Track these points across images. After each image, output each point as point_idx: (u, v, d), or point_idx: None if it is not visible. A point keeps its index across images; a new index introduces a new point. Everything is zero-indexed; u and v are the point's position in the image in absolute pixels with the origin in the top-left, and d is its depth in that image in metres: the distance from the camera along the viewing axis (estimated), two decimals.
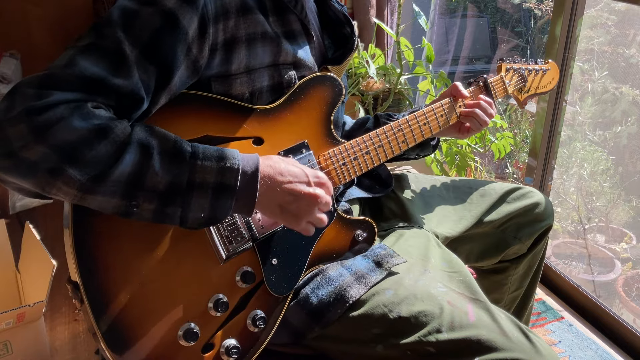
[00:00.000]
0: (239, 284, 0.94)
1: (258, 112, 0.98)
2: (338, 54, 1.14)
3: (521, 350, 0.90)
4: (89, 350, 1.70)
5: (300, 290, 1.03)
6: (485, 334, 0.92)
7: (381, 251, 1.08)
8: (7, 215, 2.19)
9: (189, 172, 0.80)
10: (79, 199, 0.77)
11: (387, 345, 0.96)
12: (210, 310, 0.91)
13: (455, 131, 1.25)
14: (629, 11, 2.58)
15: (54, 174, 0.73)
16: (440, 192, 1.34)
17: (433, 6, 3.35)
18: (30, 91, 0.74)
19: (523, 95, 1.36)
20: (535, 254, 1.38)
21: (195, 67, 0.89)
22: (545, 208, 1.33)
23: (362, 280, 1.01)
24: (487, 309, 0.97)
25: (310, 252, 1.03)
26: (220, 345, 0.92)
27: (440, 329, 0.93)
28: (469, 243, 1.31)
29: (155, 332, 0.87)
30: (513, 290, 1.43)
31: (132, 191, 0.78)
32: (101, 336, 0.82)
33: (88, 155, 0.74)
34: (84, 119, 0.74)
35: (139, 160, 0.78)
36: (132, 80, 0.80)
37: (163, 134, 0.82)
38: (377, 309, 0.97)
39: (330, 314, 0.99)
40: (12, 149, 0.72)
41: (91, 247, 0.83)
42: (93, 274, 0.83)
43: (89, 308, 0.82)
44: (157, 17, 0.82)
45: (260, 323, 0.95)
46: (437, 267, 1.08)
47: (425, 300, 0.96)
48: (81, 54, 0.78)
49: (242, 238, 0.94)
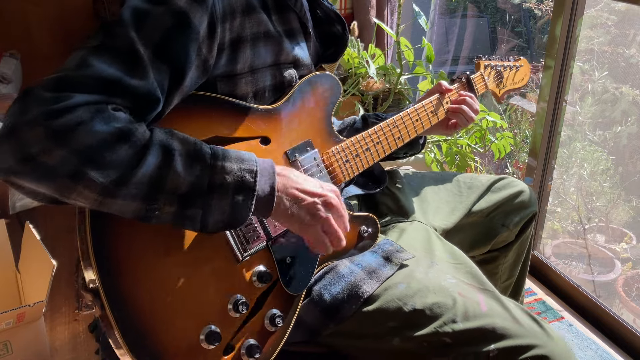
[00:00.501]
0: (256, 284, 0.94)
1: (262, 111, 0.98)
2: (331, 52, 1.16)
3: (534, 336, 0.94)
4: (89, 350, 1.70)
5: (312, 287, 1.04)
6: (499, 322, 0.95)
7: (389, 247, 1.10)
8: (7, 215, 2.18)
9: (209, 173, 0.80)
10: (98, 204, 0.75)
11: (403, 338, 0.98)
12: (230, 311, 0.91)
13: (443, 128, 1.31)
14: (629, 11, 2.58)
15: (74, 178, 0.71)
16: (430, 186, 1.38)
17: (433, 6, 3.35)
18: (46, 94, 0.71)
19: (500, 91, 1.44)
20: (523, 241, 1.43)
21: (205, 66, 0.88)
22: (530, 196, 1.39)
23: (373, 275, 1.03)
24: (497, 298, 1.01)
25: None
26: (241, 347, 0.92)
27: (455, 319, 0.96)
28: (459, 234, 1.34)
29: (177, 336, 0.85)
30: (504, 279, 1.47)
31: (153, 194, 0.76)
32: (124, 342, 0.80)
33: (109, 158, 0.72)
34: (105, 122, 0.72)
35: (161, 162, 0.76)
36: (148, 81, 0.79)
37: (183, 136, 0.81)
38: (392, 302, 0.99)
39: (345, 310, 1.00)
40: (29, 154, 0.69)
41: (110, 253, 0.81)
42: (113, 279, 0.81)
43: (110, 315, 0.80)
44: (169, 17, 0.82)
45: (278, 321, 0.95)
46: (443, 260, 1.11)
47: (437, 293, 0.99)
48: (93, 54, 0.77)
49: (257, 237, 0.95)
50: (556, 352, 0.93)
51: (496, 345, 0.93)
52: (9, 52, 2.48)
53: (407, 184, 1.36)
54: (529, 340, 0.93)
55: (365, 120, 1.31)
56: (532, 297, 1.97)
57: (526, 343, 0.93)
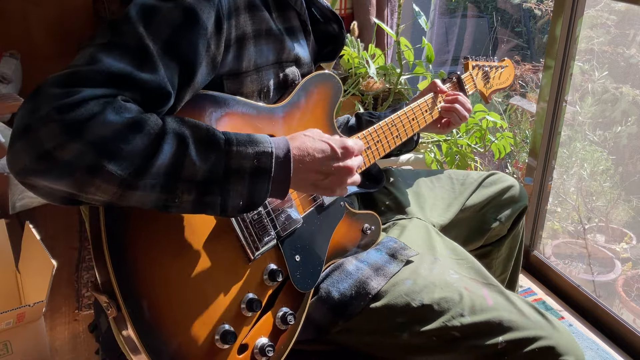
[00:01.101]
0: (267, 282, 0.95)
1: (268, 110, 0.99)
2: (328, 51, 1.16)
3: (540, 328, 0.97)
4: (89, 350, 1.70)
5: (319, 285, 1.05)
6: (506, 315, 0.97)
7: (393, 244, 1.11)
8: (7, 215, 2.19)
9: (225, 158, 0.79)
10: (118, 197, 0.74)
11: (412, 333, 0.99)
12: (243, 310, 0.91)
13: (436, 126, 1.34)
14: (629, 11, 2.58)
15: (92, 171, 0.70)
16: (425, 183, 1.41)
17: (433, 6, 3.35)
18: (56, 90, 0.71)
19: (488, 91, 1.49)
20: (515, 235, 1.47)
21: (214, 63, 0.88)
22: (519, 190, 1.43)
23: (380, 272, 1.04)
24: (501, 292, 1.03)
25: (328, 247, 1.05)
26: (254, 346, 0.92)
27: (463, 313, 0.98)
28: (454, 229, 1.35)
29: (193, 336, 0.85)
30: (499, 274, 1.50)
31: (171, 183, 0.76)
32: (141, 344, 0.79)
33: (126, 149, 0.71)
34: (117, 113, 0.72)
35: (177, 150, 0.76)
36: (159, 75, 0.78)
37: (194, 123, 0.80)
38: (399, 298, 1.01)
39: (353, 307, 1.01)
40: (45, 150, 0.68)
41: (125, 254, 0.80)
42: (129, 281, 0.80)
43: (127, 316, 0.79)
44: (177, 13, 0.82)
45: (290, 319, 0.95)
46: (445, 256, 1.13)
47: (444, 288, 1.01)
48: (102, 51, 0.76)
49: (267, 236, 0.95)
50: (562, 343, 0.96)
51: (504, 338, 0.95)
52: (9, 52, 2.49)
53: (402, 181, 1.39)
54: (536, 332, 0.95)
55: (360, 119, 1.33)
56: (532, 297, 1.97)
57: (533, 335, 0.95)
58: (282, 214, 0.98)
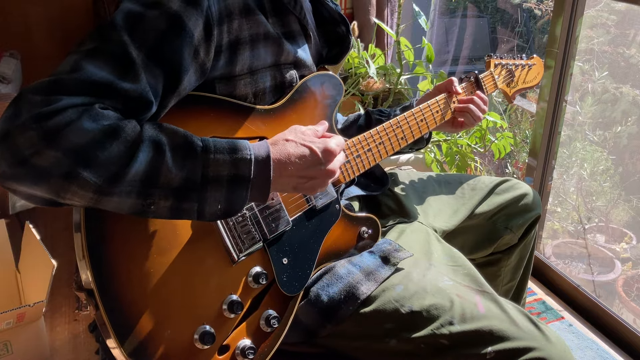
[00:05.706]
0: (251, 285, 0.94)
1: (262, 112, 0.98)
2: (334, 53, 1.15)
3: (532, 338, 0.93)
4: (89, 350, 1.70)
5: (309, 288, 1.03)
6: (497, 324, 0.94)
7: (387, 246, 1.09)
8: (7, 215, 2.18)
9: (202, 166, 0.79)
10: (94, 202, 0.75)
11: (400, 340, 0.98)
12: (224, 311, 0.91)
13: (449, 126, 1.30)
14: (629, 11, 2.58)
15: (68, 178, 0.71)
16: (433, 187, 1.37)
17: (433, 6, 3.35)
18: (36, 98, 0.72)
19: (511, 90, 1.42)
20: (526, 244, 1.42)
21: (203, 69, 0.88)
22: (533, 198, 1.38)
23: (371, 276, 1.02)
24: (495, 300, 1.00)
25: (319, 250, 1.04)
26: (236, 347, 0.92)
27: (452, 321, 0.95)
28: (462, 236, 1.33)
29: (171, 336, 0.86)
30: (506, 282, 1.46)
31: (147, 189, 0.76)
32: (118, 343, 0.81)
33: (101, 157, 0.72)
34: (94, 121, 0.73)
35: (153, 157, 0.76)
36: (140, 84, 0.79)
37: (172, 130, 0.81)
38: (389, 304, 0.99)
39: (342, 311, 0.99)
40: (22, 157, 0.70)
41: (104, 253, 0.81)
42: (108, 280, 0.81)
43: (105, 315, 0.80)
44: (163, 20, 0.81)
45: (274, 322, 0.95)
46: (441, 262, 1.10)
47: (435, 294, 0.99)
48: (86, 58, 0.77)
49: (252, 238, 0.95)
50: (554, 355, 0.92)
51: (493, 348, 0.92)
52: (9, 52, 2.48)
53: (409, 185, 1.35)
54: (527, 343, 0.92)
55: (369, 117, 1.30)
56: (532, 297, 1.97)
57: (523, 345, 0.92)
58: (269, 217, 0.97)
